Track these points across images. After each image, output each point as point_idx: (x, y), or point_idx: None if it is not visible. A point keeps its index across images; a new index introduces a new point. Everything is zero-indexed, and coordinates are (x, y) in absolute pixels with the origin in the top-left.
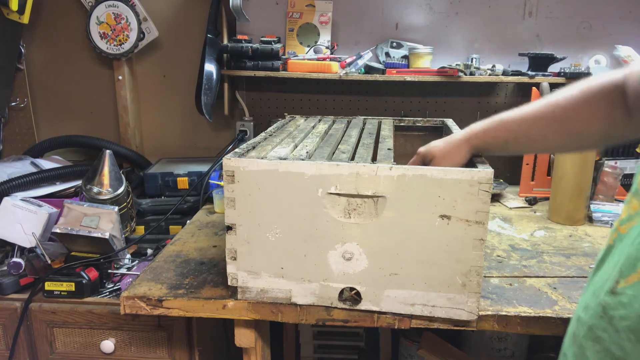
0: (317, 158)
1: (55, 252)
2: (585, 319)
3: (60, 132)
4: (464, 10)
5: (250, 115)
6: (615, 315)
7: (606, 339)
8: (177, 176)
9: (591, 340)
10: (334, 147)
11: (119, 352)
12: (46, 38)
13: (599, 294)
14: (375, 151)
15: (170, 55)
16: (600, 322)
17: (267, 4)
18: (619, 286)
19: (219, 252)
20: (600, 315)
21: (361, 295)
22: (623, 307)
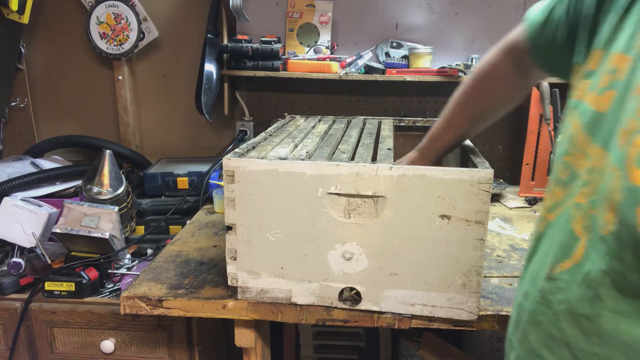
0: (317, 158)
1: (55, 252)
2: (526, 305)
3: (60, 132)
4: (464, 10)
5: (250, 115)
6: (554, 299)
7: (546, 322)
8: (177, 176)
9: (532, 325)
10: (334, 147)
11: (119, 352)
12: (46, 38)
13: (536, 281)
14: (375, 151)
15: (170, 55)
16: (540, 307)
17: (267, 4)
18: (555, 272)
19: (219, 252)
20: (539, 301)
21: (361, 295)
22: (560, 291)
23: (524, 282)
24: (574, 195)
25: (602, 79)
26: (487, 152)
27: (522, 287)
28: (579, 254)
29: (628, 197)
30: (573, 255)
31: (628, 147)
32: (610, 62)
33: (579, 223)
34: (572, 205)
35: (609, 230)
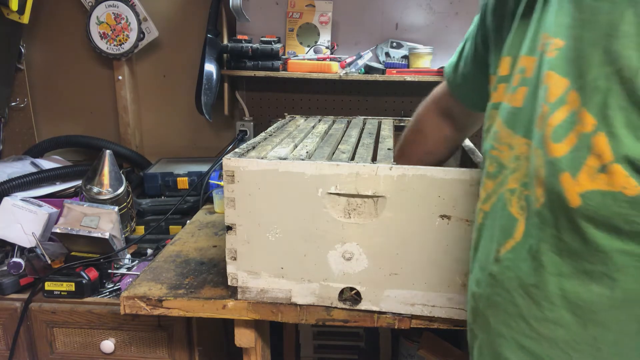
0: (317, 158)
1: (55, 252)
2: (480, 292)
3: (60, 132)
4: (464, 10)
5: (250, 115)
6: (504, 278)
7: (501, 302)
8: (177, 176)
9: (490, 307)
10: (334, 147)
11: (119, 352)
12: (46, 38)
13: (485, 266)
14: (375, 151)
15: (170, 55)
16: (494, 289)
17: (267, 4)
18: (500, 254)
19: (219, 252)
20: (492, 284)
21: (361, 295)
22: (508, 270)
23: (475, 271)
24: (506, 183)
25: (514, 79)
26: None
27: (473, 276)
28: (519, 233)
29: (550, 169)
30: (515, 235)
31: (545, 127)
32: (518, 64)
33: (515, 206)
34: (505, 192)
35: (540, 203)
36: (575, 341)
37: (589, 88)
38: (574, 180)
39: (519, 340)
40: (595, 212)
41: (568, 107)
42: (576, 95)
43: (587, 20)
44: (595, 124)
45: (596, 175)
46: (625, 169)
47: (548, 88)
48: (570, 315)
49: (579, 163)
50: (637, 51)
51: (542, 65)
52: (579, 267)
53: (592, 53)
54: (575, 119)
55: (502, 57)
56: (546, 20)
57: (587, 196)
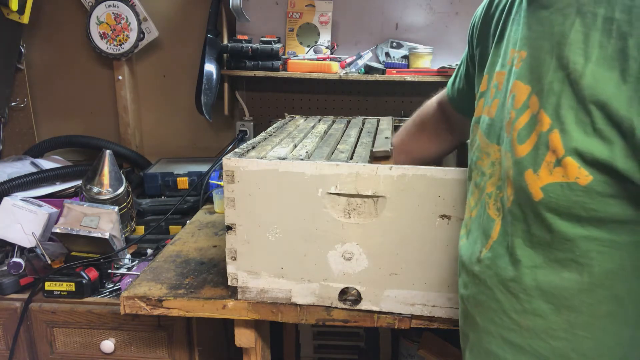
0: (316, 158)
1: (55, 252)
2: (467, 293)
3: (60, 132)
4: (464, 10)
5: (250, 115)
6: (486, 277)
7: (485, 300)
8: (177, 176)
9: (476, 307)
10: (333, 147)
11: (119, 352)
12: (46, 38)
13: (469, 268)
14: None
15: (170, 55)
16: (478, 288)
17: (267, 4)
18: (482, 255)
19: (219, 252)
20: (476, 284)
21: (361, 295)
22: (488, 268)
23: (462, 274)
24: (485, 188)
25: (489, 94)
26: None
27: (461, 279)
28: (496, 232)
29: (516, 168)
30: (492, 234)
31: (512, 132)
32: (493, 80)
33: (492, 208)
34: (485, 196)
35: (511, 201)
36: (552, 329)
37: (546, 91)
38: (536, 175)
39: (503, 335)
40: (556, 202)
41: (530, 110)
42: (536, 99)
43: (545, 31)
44: (550, 123)
45: (553, 169)
46: (577, 161)
47: (515, 96)
48: (545, 304)
49: (539, 159)
50: (582, 56)
51: (510, 77)
52: (550, 257)
53: (548, 60)
54: (535, 121)
55: (483, 75)
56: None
57: (548, 189)
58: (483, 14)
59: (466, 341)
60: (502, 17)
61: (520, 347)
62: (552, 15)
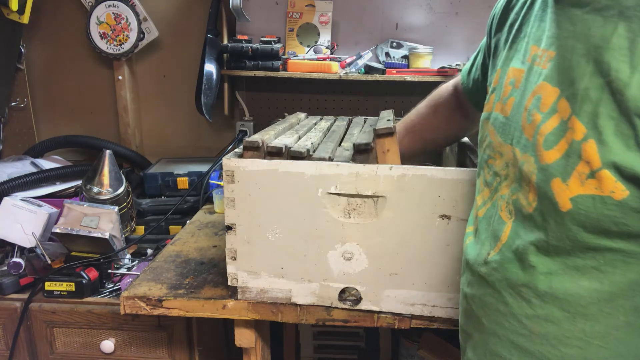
0: (321, 152)
1: (55, 252)
2: (472, 293)
3: (60, 132)
4: (464, 10)
5: (250, 115)
6: (494, 280)
7: (493, 302)
8: (177, 176)
9: (482, 308)
10: (337, 144)
11: (119, 352)
12: (46, 38)
13: (475, 268)
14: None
15: (170, 55)
16: (485, 290)
17: (267, 4)
18: (489, 257)
19: (219, 252)
20: (483, 285)
21: (361, 295)
22: (496, 271)
23: (466, 273)
24: (499, 190)
25: (504, 90)
26: None
27: (464, 278)
28: (505, 235)
29: (542, 175)
30: (502, 237)
31: (536, 136)
32: (509, 76)
33: (504, 210)
34: (498, 198)
35: (533, 208)
36: (565, 336)
37: (580, 97)
38: (565, 185)
39: (511, 338)
40: (585, 215)
41: (559, 115)
42: (566, 103)
43: (577, 31)
44: (585, 132)
45: (586, 180)
46: (614, 175)
47: (541, 98)
48: (559, 311)
49: (569, 169)
50: (628, 65)
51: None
52: (569, 263)
53: (582, 63)
54: (566, 127)
55: (496, 69)
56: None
57: (578, 200)
58: (504, 4)
59: (467, 339)
60: (523, 10)
61: (529, 352)
62: (587, 15)
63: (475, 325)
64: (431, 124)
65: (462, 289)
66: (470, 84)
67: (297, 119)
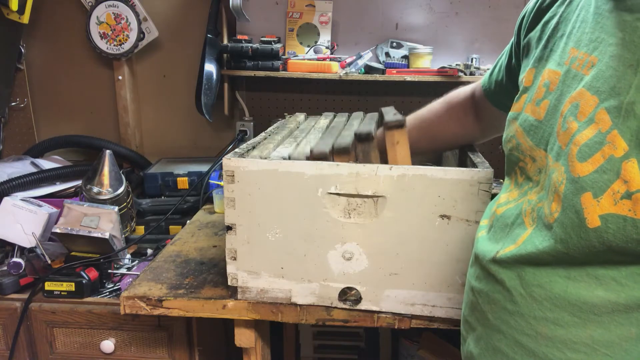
0: (320, 146)
1: (55, 252)
2: (480, 287)
3: (60, 132)
4: (464, 10)
5: (250, 115)
6: (504, 277)
7: (500, 299)
8: (177, 176)
9: (488, 304)
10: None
11: (119, 352)
12: (46, 38)
13: (485, 264)
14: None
15: (170, 55)
16: (493, 287)
17: (267, 4)
18: (499, 255)
19: (219, 252)
20: (490, 282)
21: (361, 295)
22: (507, 269)
23: (475, 266)
24: (528, 194)
25: (537, 92)
26: (487, 152)
27: (473, 271)
28: (521, 240)
29: (571, 187)
30: (518, 241)
31: (570, 145)
32: (544, 77)
33: (529, 216)
34: (524, 202)
35: (554, 218)
36: (572, 341)
37: (624, 111)
38: (596, 201)
39: (516, 337)
40: (613, 235)
41: (596, 126)
42: (606, 115)
43: (627, 39)
44: (627, 149)
45: (620, 200)
46: None
47: (579, 105)
48: (570, 316)
49: (603, 185)
50: None
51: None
52: (590, 272)
53: (629, 75)
54: (603, 140)
55: (528, 68)
56: (576, 35)
57: (607, 219)
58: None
59: (469, 330)
60: (562, 7)
61: (533, 353)
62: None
63: (479, 319)
64: (441, 121)
65: (469, 281)
66: (492, 86)
67: (296, 123)
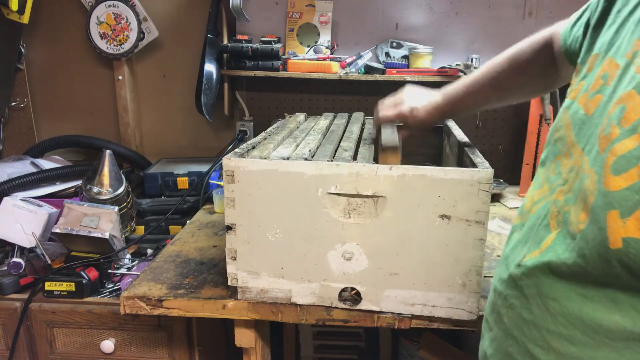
0: (319, 156)
1: (55, 252)
2: (500, 289)
3: (60, 132)
4: (464, 10)
5: (250, 115)
6: (524, 285)
7: (518, 305)
8: (177, 176)
9: (506, 307)
10: (336, 145)
11: (119, 352)
12: (46, 38)
13: (509, 267)
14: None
15: (170, 55)
16: (513, 291)
17: (267, 4)
18: (524, 260)
19: (219, 252)
20: (512, 286)
21: (361, 295)
22: (529, 277)
23: (500, 267)
24: (555, 192)
25: (593, 83)
26: (487, 152)
27: (498, 271)
28: (545, 245)
29: (600, 201)
30: (542, 246)
31: (607, 153)
32: (603, 67)
33: (554, 219)
34: (551, 202)
35: (579, 229)
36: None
37: None
38: (621, 221)
39: (528, 346)
40: (634, 260)
41: (638, 138)
42: None
43: None
44: None
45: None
46: None
47: (625, 109)
48: (583, 336)
49: (633, 206)
50: None
51: (623, 77)
52: (608, 295)
53: None
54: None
55: (592, 52)
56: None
57: (630, 243)
58: None
59: (487, 329)
60: None
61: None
62: None
63: (497, 320)
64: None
65: (494, 280)
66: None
67: (296, 123)
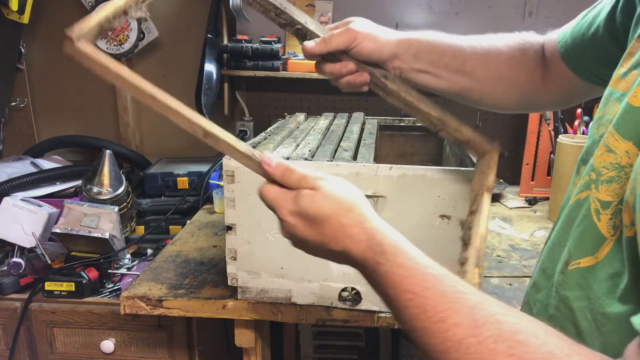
0: (319, 157)
1: (55, 252)
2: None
3: (60, 132)
4: (464, 10)
5: (250, 115)
6: (570, 295)
7: (560, 317)
8: (177, 176)
9: (545, 318)
10: (336, 145)
11: (119, 352)
12: (46, 38)
13: (548, 272)
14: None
15: (170, 55)
16: (553, 301)
17: None
18: (574, 267)
19: (219, 252)
20: (552, 295)
21: (361, 295)
22: (577, 287)
23: (536, 271)
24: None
25: None
26: None
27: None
28: (603, 253)
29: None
30: (597, 254)
31: None
32: None
33: (606, 222)
34: (593, 200)
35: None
36: None
37: None
38: None
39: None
40: None
41: None
42: None
43: None
44: None
45: None
46: None
47: None
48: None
49: None
50: None
51: None
52: None
53: None
54: None
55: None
56: None
57: None
58: None
59: None
60: None
61: None
62: None
63: None
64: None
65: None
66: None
67: (296, 123)
